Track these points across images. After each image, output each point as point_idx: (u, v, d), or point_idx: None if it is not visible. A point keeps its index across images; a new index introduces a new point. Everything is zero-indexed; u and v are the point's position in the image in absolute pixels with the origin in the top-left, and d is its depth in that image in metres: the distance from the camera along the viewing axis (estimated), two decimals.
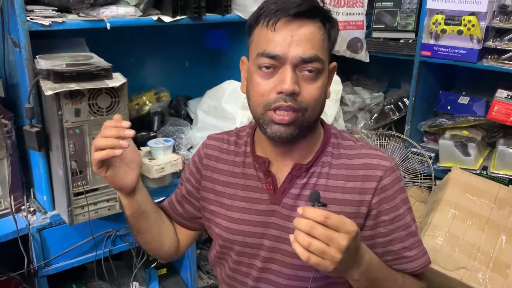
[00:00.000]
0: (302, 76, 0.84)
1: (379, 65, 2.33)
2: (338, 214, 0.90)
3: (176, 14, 1.55)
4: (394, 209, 0.93)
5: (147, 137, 1.74)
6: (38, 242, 1.43)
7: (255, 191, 0.97)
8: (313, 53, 0.84)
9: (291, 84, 0.82)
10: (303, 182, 0.94)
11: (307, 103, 0.85)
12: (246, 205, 0.98)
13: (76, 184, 1.33)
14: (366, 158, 0.94)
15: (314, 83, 0.85)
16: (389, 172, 0.92)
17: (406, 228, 0.94)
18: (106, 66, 1.30)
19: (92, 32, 1.41)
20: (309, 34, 0.84)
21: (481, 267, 1.46)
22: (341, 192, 0.92)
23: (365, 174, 0.92)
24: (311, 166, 0.94)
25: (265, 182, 0.96)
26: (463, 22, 1.79)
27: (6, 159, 1.40)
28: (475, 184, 1.68)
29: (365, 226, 0.94)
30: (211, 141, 1.07)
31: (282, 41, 0.83)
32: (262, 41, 0.86)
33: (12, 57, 1.40)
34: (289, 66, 0.83)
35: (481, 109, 2.00)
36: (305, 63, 0.83)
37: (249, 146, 1.00)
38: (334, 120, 2.07)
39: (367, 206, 0.92)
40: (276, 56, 0.83)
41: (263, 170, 0.96)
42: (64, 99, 1.24)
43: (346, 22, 2.08)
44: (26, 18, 1.26)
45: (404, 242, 0.94)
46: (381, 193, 0.92)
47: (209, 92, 1.91)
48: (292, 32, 0.83)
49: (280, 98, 0.83)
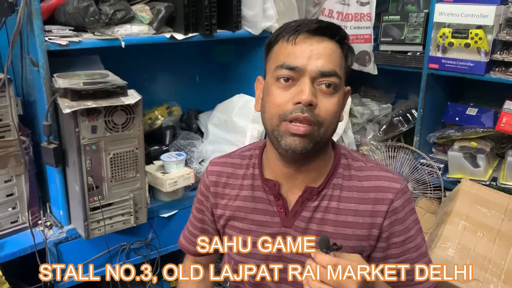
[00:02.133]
0: (320, 90, 0.85)
1: (386, 76, 2.35)
2: (350, 236, 0.92)
3: (188, 32, 1.58)
4: (405, 231, 0.93)
5: (160, 151, 1.77)
6: (55, 256, 1.46)
7: (265, 214, 0.98)
8: (332, 68, 0.85)
9: (310, 94, 0.82)
10: (314, 205, 0.94)
11: (323, 117, 0.85)
12: (257, 228, 0.98)
13: (92, 199, 1.36)
14: (376, 180, 0.94)
15: (331, 98, 0.86)
16: (399, 195, 0.92)
17: (417, 249, 0.95)
18: (122, 84, 1.33)
19: (105, 49, 1.45)
20: (329, 50, 0.86)
21: (492, 278, 1.47)
22: (352, 215, 0.93)
23: (376, 196, 0.92)
24: (323, 189, 0.94)
25: (275, 205, 0.96)
26: (470, 35, 1.81)
27: (24, 175, 1.43)
28: (485, 196, 1.68)
29: (376, 248, 0.94)
30: (215, 167, 1.06)
31: (302, 54, 0.85)
32: (281, 55, 0.87)
33: (30, 75, 1.44)
34: (308, 78, 0.84)
35: (489, 120, 2.01)
36: (323, 77, 0.84)
37: (257, 168, 1.00)
38: (343, 132, 2.09)
39: (379, 228, 0.92)
40: (295, 67, 0.84)
41: (273, 193, 0.96)
42: (81, 116, 1.27)
43: (354, 35, 2.11)
44: (45, 39, 1.30)
45: (415, 263, 0.95)
46: (392, 215, 0.92)
47: (220, 106, 1.94)
48: (312, 47, 0.85)
49: (297, 109, 0.83)
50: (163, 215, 1.65)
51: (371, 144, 2.22)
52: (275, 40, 0.91)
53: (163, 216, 1.65)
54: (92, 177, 1.34)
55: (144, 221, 1.51)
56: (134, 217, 1.47)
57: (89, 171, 1.33)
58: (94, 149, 1.33)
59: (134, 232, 1.58)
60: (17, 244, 1.41)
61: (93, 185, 1.34)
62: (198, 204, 1.11)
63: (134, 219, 1.47)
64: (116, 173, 1.39)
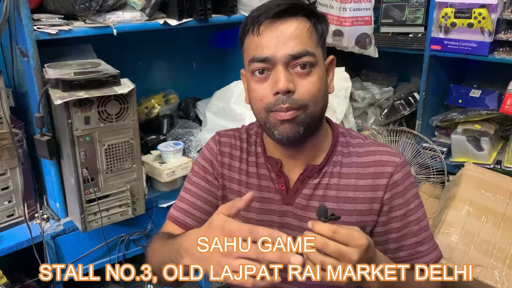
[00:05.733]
0: (296, 73, 0.84)
1: (387, 59, 2.30)
2: (352, 211, 0.92)
3: (182, 17, 1.54)
4: (405, 204, 0.93)
5: (157, 141, 1.75)
6: (53, 249, 1.45)
7: (268, 191, 0.98)
8: (302, 48, 0.84)
9: (285, 82, 0.82)
10: (315, 182, 0.94)
11: (306, 99, 0.84)
12: (260, 205, 0.98)
13: (88, 191, 1.34)
14: (376, 155, 0.94)
15: (309, 77, 0.85)
16: (399, 168, 0.93)
17: (418, 222, 0.94)
18: (114, 73, 1.30)
19: (98, 37, 1.41)
20: (294, 31, 0.84)
21: (497, 264, 1.44)
22: (353, 190, 0.93)
23: (376, 171, 0.93)
24: (323, 167, 0.94)
25: (277, 182, 0.96)
26: (474, 15, 1.75)
27: (18, 168, 1.41)
28: (489, 180, 1.65)
29: (378, 223, 0.94)
30: (222, 138, 1.04)
31: (269, 43, 0.84)
32: (251, 48, 0.87)
33: (20, 66, 1.41)
34: (281, 66, 0.83)
35: (493, 102, 1.97)
36: (295, 59, 0.83)
37: (259, 146, 1.00)
38: (344, 117, 2.05)
39: (379, 202, 0.93)
40: (265, 58, 0.84)
41: (275, 171, 0.96)
42: (73, 107, 1.25)
43: (354, 17, 2.05)
44: (33, 28, 1.26)
45: (416, 236, 0.94)
46: (392, 189, 0.92)
47: (218, 93, 1.91)
48: (276, 33, 0.84)
49: (278, 100, 0.83)
50: (161, 205, 1.62)
51: (372, 129, 2.18)
52: (243, 34, 0.90)
53: (162, 206, 1.62)
54: (87, 169, 1.32)
55: (142, 212, 1.50)
56: (132, 208, 1.45)
57: (83, 163, 1.31)
58: (88, 140, 1.30)
59: (133, 223, 1.56)
60: (14, 238, 1.40)
61: (88, 177, 1.32)
62: (200, 172, 1.03)
63: (132, 210, 1.45)
64: (111, 165, 1.36)
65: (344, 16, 2.04)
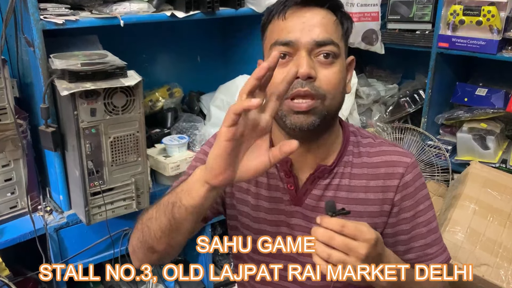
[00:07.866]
0: (318, 61, 0.82)
1: (393, 56, 2.29)
2: (362, 213, 0.91)
3: (190, 10, 1.53)
4: (415, 205, 0.92)
5: (161, 134, 1.73)
6: (56, 242, 1.43)
7: (277, 190, 0.95)
8: (327, 37, 0.82)
9: (307, 67, 0.79)
10: (325, 183, 0.92)
11: (326, 89, 0.82)
12: (269, 205, 0.96)
13: (92, 184, 1.32)
14: (386, 155, 0.92)
15: (331, 68, 0.83)
16: (410, 169, 0.91)
17: (427, 224, 0.93)
18: (121, 65, 1.28)
19: (104, 28, 1.39)
20: (321, 18, 0.83)
21: (503, 263, 1.44)
22: (364, 191, 0.91)
23: (387, 171, 0.91)
24: (335, 167, 0.92)
25: (286, 182, 0.94)
26: (483, 13, 1.74)
27: (22, 159, 1.39)
28: (495, 179, 1.65)
29: (387, 224, 0.93)
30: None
31: (294, 28, 0.82)
32: (275, 33, 0.85)
33: (25, 56, 1.39)
34: (304, 51, 0.81)
35: (499, 101, 1.96)
36: (319, 47, 0.81)
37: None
38: (349, 113, 2.04)
39: (390, 204, 0.91)
40: (289, 42, 0.82)
41: (284, 170, 0.94)
42: (79, 98, 1.23)
43: (361, 13, 2.04)
44: (40, 17, 1.24)
45: (425, 238, 0.93)
46: (403, 190, 0.91)
47: (222, 87, 1.89)
48: (303, 19, 0.83)
49: (297, 84, 0.80)
50: None
51: (377, 126, 2.17)
52: (267, 19, 0.88)
53: None
54: (92, 161, 1.30)
55: (146, 205, 1.48)
56: (136, 202, 1.44)
57: (89, 156, 1.29)
58: (93, 132, 1.28)
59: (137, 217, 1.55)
60: (17, 230, 1.38)
61: (93, 169, 1.30)
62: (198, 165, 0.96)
63: (136, 204, 1.44)
64: (116, 157, 1.35)
65: (351, 12, 2.03)
